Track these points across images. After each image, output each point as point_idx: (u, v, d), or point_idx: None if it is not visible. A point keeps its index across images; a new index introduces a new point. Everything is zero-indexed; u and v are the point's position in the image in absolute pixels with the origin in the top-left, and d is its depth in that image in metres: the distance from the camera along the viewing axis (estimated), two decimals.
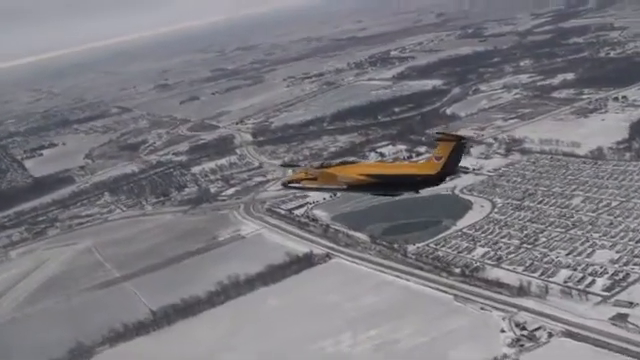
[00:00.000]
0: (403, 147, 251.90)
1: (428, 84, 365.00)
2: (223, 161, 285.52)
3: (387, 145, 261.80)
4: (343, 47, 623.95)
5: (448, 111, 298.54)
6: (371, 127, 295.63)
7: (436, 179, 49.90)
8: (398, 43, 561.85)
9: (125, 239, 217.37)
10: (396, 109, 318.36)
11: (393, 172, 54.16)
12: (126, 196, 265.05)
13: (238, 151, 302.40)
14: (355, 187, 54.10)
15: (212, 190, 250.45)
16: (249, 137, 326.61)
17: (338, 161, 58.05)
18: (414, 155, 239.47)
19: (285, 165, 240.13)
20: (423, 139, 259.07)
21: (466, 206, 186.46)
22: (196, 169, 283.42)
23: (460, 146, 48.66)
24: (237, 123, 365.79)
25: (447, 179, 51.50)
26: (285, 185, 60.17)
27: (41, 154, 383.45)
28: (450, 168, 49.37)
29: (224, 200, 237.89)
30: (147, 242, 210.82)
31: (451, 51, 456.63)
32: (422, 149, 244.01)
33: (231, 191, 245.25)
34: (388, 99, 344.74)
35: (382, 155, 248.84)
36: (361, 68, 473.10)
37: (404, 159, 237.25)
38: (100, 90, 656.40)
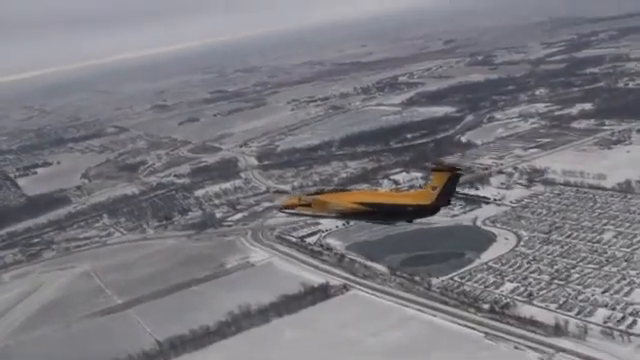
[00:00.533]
0: (418, 175, 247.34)
1: (439, 111, 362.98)
2: (228, 185, 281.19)
3: (401, 172, 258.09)
4: (347, 71, 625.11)
5: (463, 139, 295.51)
6: (383, 153, 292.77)
7: (430, 210, 52.36)
8: (406, 69, 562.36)
9: (126, 264, 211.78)
10: (408, 135, 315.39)
11: (387, 201, 55.61)
12: (126, 219, 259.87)
13: (243, 175, 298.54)
14: (348, 215, 57.32)
15: (217, 215, 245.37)
16: (254, 161, 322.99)
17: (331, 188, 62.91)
18: None
19: (277, 192, 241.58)
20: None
21: (490, 238, 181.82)
22: (199, 192, 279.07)
23: (455, 177, 50.92)
24: (241, 146, 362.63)
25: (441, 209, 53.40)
26: (280, 210, 63.09)
27: (35, 172, 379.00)
28: (445, 199, 51.57)
29: (230, 226, 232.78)
30: (150, 268, 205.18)
31: (461, 78, 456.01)
32: None
33: (238, 216, 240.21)
34: (399, 125, 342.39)
35: (396, 183, 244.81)
36: (368, 93, 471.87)
37: (420, 187, 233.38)
38: (95, 109, 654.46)
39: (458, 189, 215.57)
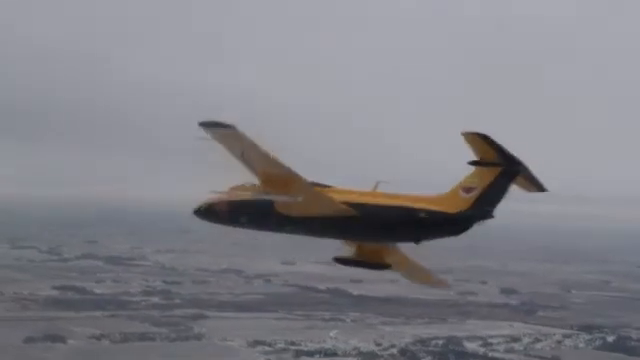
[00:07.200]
0: None
1: None
2: None
3: None
4: (337, 306, 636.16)
5: None
6: None
7: (457, 222, 66.56)
8: (459, 327, 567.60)
9: None
10: None
11: (384, 202, 70.60)
12: None
13: None
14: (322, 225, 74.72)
15: None
16: None
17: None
18: None
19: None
20: None
21: None
22: None
23: (509, 174, 65.19)
24: None
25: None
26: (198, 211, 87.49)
27: None
28: (485, 207, 65.09)
29: None
30: None
31: None
32: None
33: None
34: None
35: None
36: None
37: None
38: None
39: None
